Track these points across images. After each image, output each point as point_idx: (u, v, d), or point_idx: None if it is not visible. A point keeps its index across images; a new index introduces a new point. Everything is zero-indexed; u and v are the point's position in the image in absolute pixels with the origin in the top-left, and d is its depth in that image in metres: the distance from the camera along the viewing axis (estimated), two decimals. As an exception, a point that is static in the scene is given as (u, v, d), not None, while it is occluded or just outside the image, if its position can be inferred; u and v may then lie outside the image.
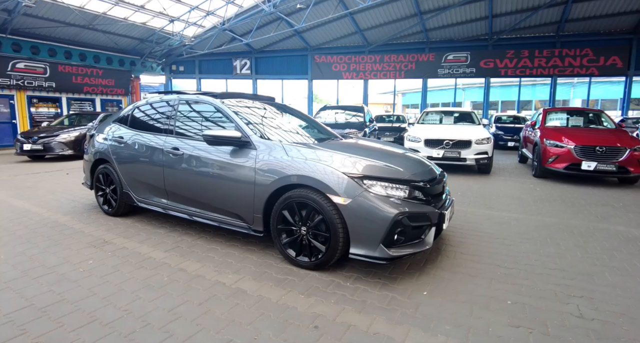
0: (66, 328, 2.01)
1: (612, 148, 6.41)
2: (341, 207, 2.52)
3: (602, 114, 8.26)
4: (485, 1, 14.53)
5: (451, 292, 2.52)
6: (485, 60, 17.38)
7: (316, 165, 2.69)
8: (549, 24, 15.74)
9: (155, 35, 17.11)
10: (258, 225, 2.98)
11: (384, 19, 16.41)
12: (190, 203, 3.43)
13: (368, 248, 2.51)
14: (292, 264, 2.87)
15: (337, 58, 18.93)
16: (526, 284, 2.66)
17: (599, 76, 16.30)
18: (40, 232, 3.64)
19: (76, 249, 3.18)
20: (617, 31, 15.58)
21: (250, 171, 2.93)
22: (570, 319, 2.20)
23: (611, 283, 2.70)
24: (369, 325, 2.08)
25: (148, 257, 3.03)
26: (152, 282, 2.58)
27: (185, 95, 3.76)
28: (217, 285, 2.53)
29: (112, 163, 4.04)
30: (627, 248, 3.44)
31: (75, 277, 2.63)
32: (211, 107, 3.52)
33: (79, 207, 4.62)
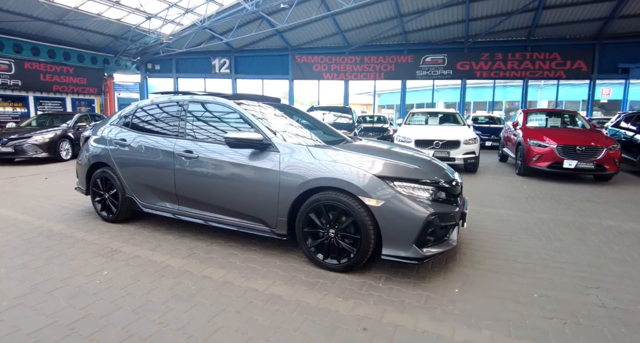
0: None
1: (590, 147, 6.83)
2: (373, 208, 2.55)
3: (578, 115, 8.77)
4: (462, 5, 15.02)
5: (479, 288, 2.61)
6: (462, 63, 17.97)
7: (346, 167, 2.70)
8: (521, 28, 16.50)
9: (130, 32, 16.52)
10: (282, 228, 2.95)
11: (364, 20, 16.62)
12: (204, 207, 3.34)
13: (401, 249, 2.56)
14: (320, 267, 2.86)
15: (318, 58, 18.98)
16: (545, 278, 2.80)
17: (566, 79, 17.26)
18: (38, 242, 3.41)
19: (84, 259, 3.02)
20: (581, 37, 16.55)
21: (274, 174, 2.90)
22: (595, 309, 2.35)
23: (618, 274, 2.90)
24: (415, 324, 2.13)
25: (166, 265, 2.92)
26: (179, 291, 2.49)
27: (196, 96, 3.66)
28: (250, 292, 2.49)
29: (112, 167, 3.87)
30: (622, 241, 3.68)
31: (94, 290, 2.49)
32: (224, 109, 3.45)
33: (71, 214, 4.39)
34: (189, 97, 3.66)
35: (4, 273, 2.75)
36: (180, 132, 3.52)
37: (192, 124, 3.52)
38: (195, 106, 3.60)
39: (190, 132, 3.48)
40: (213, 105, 3.53)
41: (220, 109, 3.49)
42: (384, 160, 2.83)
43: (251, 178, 3.01)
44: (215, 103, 3.50)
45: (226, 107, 3.43)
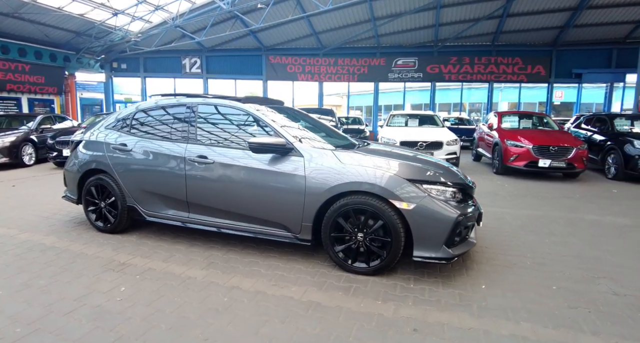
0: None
1: (562, 147, 7.35)
2: (405, 211, 2.62)
3: (546, 117, 9.39)
4: (433, 10, 15.58)
5: (502, 283, 2.76)
6: (432, 66, 18.63)
7: (375, 171, 2.75)
8: (487, 34, 17.37)
9: (94, 28, 15.64)
10: (306, 234, 2.93)
11: (339, 22, 16.79)
12: (219, 215, 3.24)
13: (432, 250, 2.64)
14: (347, 271, 2.86)
15: (292, 59, 18.94)
16: (556, 270, 3.00)
17: (527, 83, 18.37)
18: (32, 258, 3.12)
19: (93, 275, 2.81)
20: (540, 43, 17.70)
21: (299, 179, 2.87)
22: (610, 297, 2.55)
23: (617, 264, 3.16)
24: (459, 321, 2.21)
25: (187, 277, 2.79)
26: (211, 304, 2.39)
27: (207, 99, 3.55)
28: (287, 300, 2.44)
29: (111, 173, 3.64)
30: (608, 234, 4.01)
31: (117, 308, 2.32)
32: (237, 112, 3.39)
33: (58, 225, 4.06)
34: (199, 99, 3.52)
35: (5, 295, 2.48)
36: (190, 136, 3.37)
37: (203, 128, 3.40)
38: (205, 109, 3.48)
39: (201, 136, 3.35)
40: (226, 109, 3.44)
41: (233, 112, 3.42)
42: (411, 163, 2.91)
43: (274, 183, 2.96)
44: (228, 106, 3.41)
45: (240, 111, 3.36)
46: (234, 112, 3.41)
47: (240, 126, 3.34)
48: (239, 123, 3.35)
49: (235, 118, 3.41)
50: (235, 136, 3.28)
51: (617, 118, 8.91)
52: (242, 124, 3.34)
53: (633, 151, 7.36)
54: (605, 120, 8.92)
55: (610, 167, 7.85)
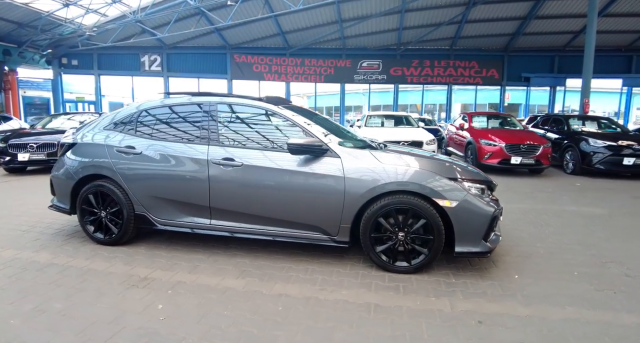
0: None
1: (531, 145, 7.97)
2: (448, 209, 2.70)
3: (511, 117, 10.11)
4: (398, 14, 16.14)
5: (530, 272, 2.95)
6: (395, 68, 19.30)
7: (417, 171, 2.81)
8: (446, 38, 18.32)
9: (41, 20, 14.30)
10: (344, 236, 2.91)
11: (307, 23, 16.84)
12: (246, 220, 3.10)
13: (472, 245, 2.76)
14: (388, 271, 2.88)
15: (258, 59, 18.68)
16: (568, 258, 3.27)
17: (482, 85, 19.62)
18: (32, 279, 2.73)
19: (115, 294, 2.53)
20: (494, 49, 18.99)
21: (338, 180, 2.84)
22: (625, 279, 2.83)
23: (615, 249, 3.50)
24: (514, 310, 2.34)
25: (225, 288, 2.63)
26: (267, 315, 2.26)
27: (226, 98, 3.39)
28: (344, 304, 2.40)
29: (115, 179, 3.32)
30: (592, 223, 4.42)
31: (165, 329, 2.10)
32: (260, 111, 3.28)
33: (43, 239, 3.62)
34: (217, 98, 3.34)
35: (20, 324, 2.15)
36: (212, 137, 3.18)
37: (226, 128, 3.24)
38: (226, 109, 3.33)
39: (224, 137, 3.18)
40: (249, 109, 3.32)
41: (257, 112, 3.31)
42: (446, 162, 3.02)
43: (310, 186, 2.90)
44: (252, 106, 3.29)
45: (264, 111, 3.27)
46: (258, 112, 3.31)
47: (267, 127, 3.25)
48: (266, 123, 3.26)
49: (260, 118, 3.31)
50: (264, 137, 3.18)
51: (571, 118, 9.81)
52: (269, 125, 3.24)
53: (588, 148, 8.15)
54: (561, 120, 9.79)
55: (568, 163, 8.62)
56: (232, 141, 3.17)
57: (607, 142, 8.03)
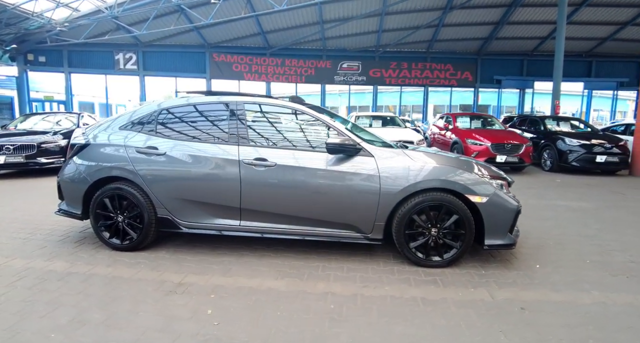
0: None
1: (515, 144, 8.40)
2: (480, 205, 2.85)
3: (492, 118, 10.60)
4: (378, 17, 16.46)
5: (548, 262, 3.15)
6: (374, 70, 19.65)
7: (450, 169, 2.93)
8: (423, 41, 18.86)
9: (6, 12, 13.45)
10: (378, 233, 2.98)
11: (288, 23, 16.82)
12: (278, 220, 3.08)
13: (499, 238, 2.92)
14: (421, 266, 2.98)
15: (238, 58, 18.45)
16: (576, 248, 3.51)
17: (457, 87, 20.36)
18: (57, 290, 2.56)
19: (154, 301, 2.42)
20: (468, 52, 19.77)
21: (374, 179, 2.91)
22: (630, 265, 3.09)
23: (612, 238, 3.80)
24: (547, 297, 2.51)
25: (268, 289, 2.62)
26: (322, 313, 2.26)
27: (254, 98, 3.35)
28: (392, 300, 2.46)
29: (136, 181, 3.20)
30: (584, 216, 4.75)
31: (224, 334, 2.05)
32: (288, 111, 3.30)
33: (51, 247, 3.39)
34: (244, 98, 3.31)
35: (64, 339, 2.00)
36: (241, 137, 3.14)
37: (255, 128, 3.23)
38: (254, 109, 3.31)
39: (254, 137, 3.16)
40: (277, 108, 3.32)
41: (286, 112, 3.32)
42: (472, 161, 3.17)
43: (347, 185, 2.94)
44: (280, 106, 3.29)
45: (293, 110, 3.28)
46: (286, 112, 3.33)
47: (296, 127, 3.27)
48: (295, 123, 3.29)
49: (289, 118, 3.33)
50: (294, 137, 3.20)
51: (547, 119, 10.41)
52: (298, 125, 3.27)
53: (564, 147, 8.70)
54: (537, 121, 10.37)
55: (546, 161, 9.16)
56: (263, 141, 3.16)
57: (582, 141, 8.60)
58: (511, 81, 19.88)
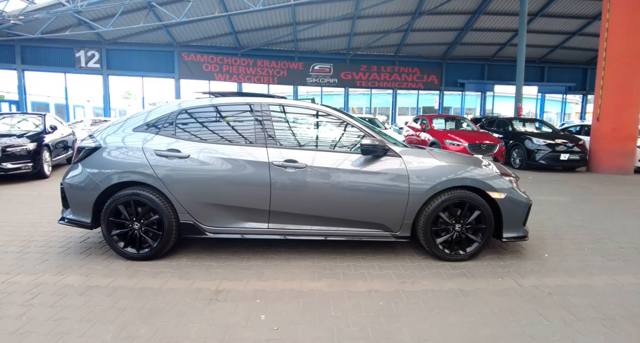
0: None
1: (490, 144, 8.95)
2: (499, 200, 3.05)
3: (465, 119, 11.18)
4: (350, 20, 16.79)
5: (553, 251, 3.43)
6: (345, 72, 19.99)
7: (474, 168, 3.11)
8: (392, 45, 19.46)
9: (-50, 4, 12.26)
10: (406, 231, 3.09)
11: (260, 23, 16.70)
12: (306, 221, 3.09)
13: (515, 231, 3.14)
14: (445, 260, 3.12)
15: (209, 58, 18.03)
16: (570, 238, 3.85)
17: (424, 90, 21.19)
18: (85, 305, 2.38)
19: (199, 310, 2.34)
20: (433, 56, 20.65)
21: (403, 179, 3.01)
22: (622, 250, 3.44)
23: (597, 228, 4.19)
24: (566, 282, 2.75)
25: (311, 290, 2.60)
26: (376, 310, 2.31)
27: (278, 100, 3.33)
28: (434, 293, 2.56)
29: (156, 186, 3.05)
30: (565, 209, 5.19)
31: (287, 338, 2.05)
32: (312, 112, 3.34)
33: (53, 259, 3.14)
34: (271, 99, 3.29)
35: None
36: (268, 139, 3.11)
37: (281, 130, 3.21)
38: (279, 110, 3.28)
39: (281, 139, 3.14)
40: (301, 109, 3.33)
41: (310, 113, 3.35)
42: (486, 160, 3.39)
43: (377, 184, 3.01)
44: (304, 107, 3.31)
45: (317, 111, 3.32)
46: (311, 113, 3.36)
47: (323, 128, 3.32)
48: (321, 125, 3.33)
49: (314, 119, 3.37)
50: (322, 138, 3.24)
51: (514, 120, 11.16)
52: (324, 126, 3.32)
53: (532, 146, 9.39)
54: (506, 122, 11.09)
55: (515, 159, 9.83)
56: (289, 143, 3.16)
57: (547, 140, 9.33)
58: (473, 84, 21.02)
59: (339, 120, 3.27)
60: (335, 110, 3.35)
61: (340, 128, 3.28)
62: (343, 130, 3.26)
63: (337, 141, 3.23)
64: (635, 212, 5.10)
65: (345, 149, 3.16)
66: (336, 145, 3.20)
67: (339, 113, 3.29)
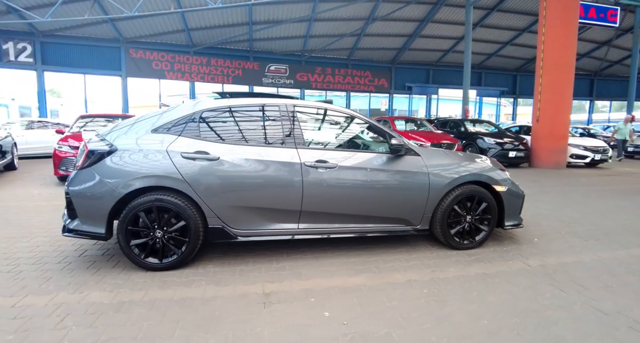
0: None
1: (450, 144, 9.71)
2: (502, 193, 3.44)
3: (422, 120, 11.96)
4: (307, 22, 17.00)
5: (539, 236, 3.92)
6: (301, 74, 20.17)
7: (484, 165, 3.48)
8: (345, 49, 20.04)
9: None
10: (425, 224, 3.35)
11: (215, 21, 16.25)
12: (334, 219, 3.19)
13: (514, 219, 3.58)
14: (458, 249, 3.42)
15: (159, 55, 17.11)
16: (546, 224, 4.40)
17: (375, 93, 22.09)
18: (129, 322, 2.23)
19: (258, 314, 2.33)
20: (384, 60, 21.63)
21: (424, 176, 3.25)
22: (590, 232, 4.04)
23: (563, 215, 4.83)
24: (563, 260, 3.21)
25: (356, 285, 2.68)
26: (427, 297, 2.52)
27: (302, 101, 3.39)
28: (465, 278, 2.80)
29: (183, 190, 2.93)
30: (529, 200, 5.86)
31: (358, 329, 2.15)
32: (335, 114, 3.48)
33: (62, 277, 2.84)
34: (296, 101, 3.34)
35: None
36: (297, 140, 3.15)
37: (309, 131, 3.29)
38: (305, 111, 3.36)
39: (309, 140, 3.23)
40: (322, 111, 3.46)
41: (333, 115, 3.48)
42: (485, 157, 3.80)
43: (401, 182, 3.22)
44: (324, 109, 3.44)
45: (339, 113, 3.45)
46: (335, 115, 3.48)
47: (347, 129, 3.47)
48: (345, 126, 3.48)
49: (338, 121, 3.50)
50: (347, 139, 3.39)
51: (466, 121, 12.18)
52: (348, 127, 3.48)
53: (484, 145, 10.37)
54: (459, 123, 12.07)
55: (469, 157, 10.76)
56: (317, 143, 3.28)
57: (497, 139, 10.36)
58: (420, 88, 22.40)
59: (362, 121, 3.46)
60: (357, 113, 3.53)
61: (363, 129, 3.46)
62: (366, 131, 3.45)
63: (362, 142, 3.41)
64: (584, 200, 5.94)
65: (370, 148, 3.35)
66: (361, 145, 3.38)
67: (360, 115, 3.48)
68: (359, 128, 3.50)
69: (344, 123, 3.54)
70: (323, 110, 3.49)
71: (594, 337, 2.10)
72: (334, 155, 3.18)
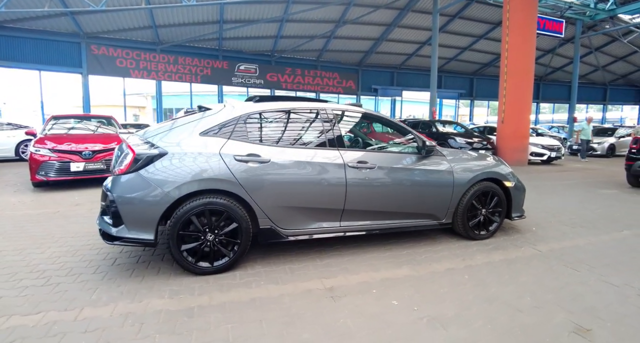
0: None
1: (427, 143, 10.32)
2: (510, 188, 3.87)
3: (398, 121, 12.54)
4: (278, 23, 17.04)
5: (535, 225, 4.43)
6: (271, 74, 20.13)
7: (496, 162, 3.87)
8: (315, 50, 20.29)
9: None
10: (449, 218, 3.68)
11: (184, 19, 15.79)
12: (371, 217, 3.39)
13: (519, 211, 4.02)
14: (474, 239, 3.75)
15: (123, 52, 16.30)
16: (537, 215, 4.93)
17: (343, 94, 22.57)
18: (219, 324, 2.29)
19: (333, 309, 2.44)
20: (351, 63, 22.16)
21: (449, 174, 3.59)
22: (575, 220, 4.63)
23: (546, 206, 5.43)
24: (562, 245, 3.68)
25: (405, 276, 2.95)
26: (472, 283, 2.86)
27: (337, 105, 3.59)
28: (491, 265, 3.16)
29: (236, 192, 2.97)
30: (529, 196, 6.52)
31: (430, 313, 2.36)
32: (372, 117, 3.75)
33: (107, 286, 2.77)
34: (333, 105, 3.53)
35: None
36: (338, 142, 3.33)
37: (346, 133, 3.51)
38: (345, 114, 3.60)
39: (348, 142, 3.44)
40: (355, 114, 3.65)
41: (368, 117, 3.74)
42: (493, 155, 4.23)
43: (431, 179, 3.53)
44: (356, 112, 3.62)
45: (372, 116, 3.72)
46: (367, 118, 3.73)
47: (380, 131, 3.73)
48: (378, 128, 3.73)
49: (369, 123, 3.75)
50: (380, 140, 3.65)
51: (436, 122, 12.94)
52: (379, 129, 3.74)
53: (455, 144, 11.12)
54: (429, 124, 12.80)
55: (442, 156, 11.48)
56: (356, 145, 3.52)
57: (467, 139, 11.16)
58: (385, 90, 23.22)
59: (392, 124, 3.75)
60: (385, 115, 3.82)
61: (394, 131, 3.76)
62: (398, 133, 3.74)
63: (394, 143, 3.69)
64: (556, 192, 6.67)
65: (403, 149, 3.65)
66: (395, 146, 3.66)
67: (389, 118, 3.78)
68: (392, 130, 3.79)
69: (376, 125, 3.80)
70: (359, 113, 3.68)
71: (615, 304, 2.54)
72: (372, 156, 3.42)
